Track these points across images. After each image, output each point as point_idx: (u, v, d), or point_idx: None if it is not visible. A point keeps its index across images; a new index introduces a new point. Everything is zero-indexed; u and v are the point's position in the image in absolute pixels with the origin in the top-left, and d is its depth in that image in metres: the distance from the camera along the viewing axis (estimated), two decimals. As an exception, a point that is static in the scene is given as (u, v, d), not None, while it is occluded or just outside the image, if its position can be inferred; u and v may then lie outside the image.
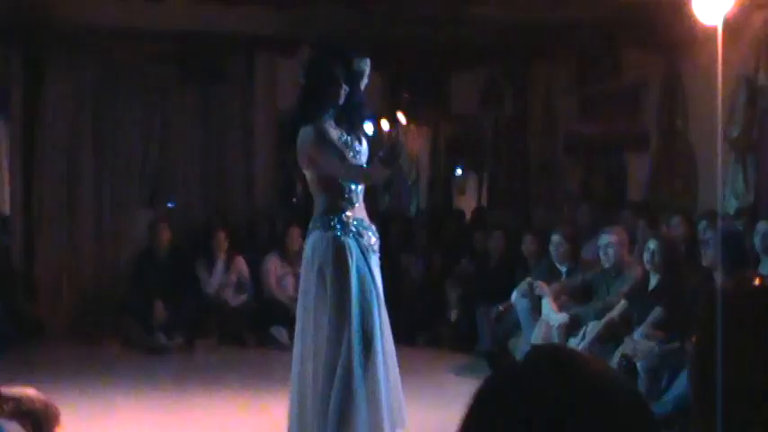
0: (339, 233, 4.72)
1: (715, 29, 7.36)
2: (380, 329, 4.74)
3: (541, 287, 7.80)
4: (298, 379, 4.84)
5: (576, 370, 1.33)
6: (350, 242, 4.72)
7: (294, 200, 12.93)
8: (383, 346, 4.75)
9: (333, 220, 4.75)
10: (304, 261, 4.87)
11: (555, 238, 8.16)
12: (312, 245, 4.80)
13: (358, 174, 4.86)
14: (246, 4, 9.31)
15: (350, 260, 4.69)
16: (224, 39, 10.62)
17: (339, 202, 4.79)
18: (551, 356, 1.38)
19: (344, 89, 4.83)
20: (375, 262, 4.85)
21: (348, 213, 4.78)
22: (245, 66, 11.26)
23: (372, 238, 4.85)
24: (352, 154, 4.82)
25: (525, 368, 1.36)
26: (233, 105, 11.30)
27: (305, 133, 4.76)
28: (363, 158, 4.95)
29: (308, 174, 4.91)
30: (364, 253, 4.76)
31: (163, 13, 9.30)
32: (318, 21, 9.89)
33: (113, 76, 10.81)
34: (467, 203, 14.14)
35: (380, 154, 4.69)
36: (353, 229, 4.76)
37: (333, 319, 4.67)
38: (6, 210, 11.30)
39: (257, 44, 11.00)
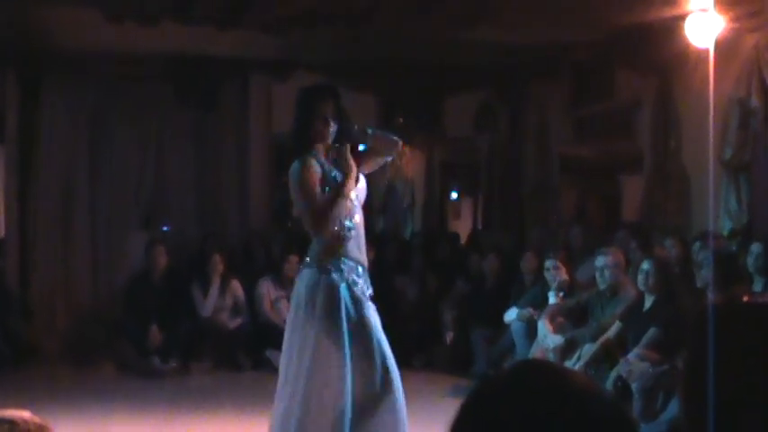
0: (334, 277, 4.71)
1: (707, 51, 7.45)
2: (387, 367, 4.74)
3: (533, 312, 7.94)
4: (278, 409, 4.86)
5: (560, 384, 1.33)
6: (343, 288, 4.70)
7: (289, 224, 12.93)
8: (391, 383, 4.73)
9: (329, 263, 4.74)
10: (295, 296, 4.87)
11: (549, 263, 8.23)
12: (306, 284, 4.79)
13: (317, 221, 4.77)
14: (242, 28, 9.34)
15: (341, 306, 4.67)
16: (219, 62, 10.66)
17: (332, 241, 4.76)
18: (536, 370, 1.38)
19: (333, 126, 4.84)
20: (369, 308, 4.79)
21: (344, 258, 4.76)
22: (241, 89, 11.30)
23: (365, 287, 4.81)
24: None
25: (510, 381, 1.37)
26: (228, 128, 11.34)
27: (292, 168, 4.79)
28: (357, 196, 4.92)
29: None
30: (357, 302, 4.74)
31: (158, 36, 9.33)
32: (314, 44, 9.94)
33: (109, 98, 10.85)
34: (462, 226, 14.17)
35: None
36: (348, 277, 4.74)
37: (320, 363, 4.68)
38: (1, 232, 11.30)
39: (252, 67, 11.04)
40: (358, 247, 4.84)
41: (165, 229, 11.33)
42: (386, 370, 4.71)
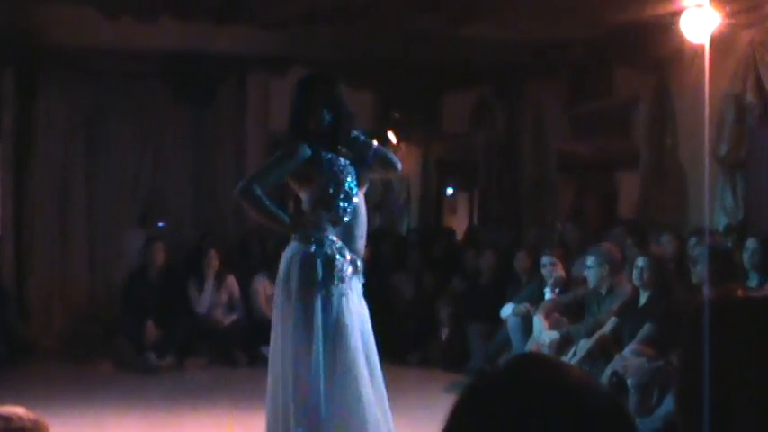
0: (313, 249, 4.69)
1: (703, 47, 7.45)
2: (353, 352, 4.69)
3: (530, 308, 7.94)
4: (271, 396, 4.85)
5: (556, 378, 1.33)
6: (319, 262, 4.68)
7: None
8: (355, 368, 4.69)
9: (312, 236, 4.72)
10: (279, 271, 4.87)
11: (545, 259, 8.23)
12: (287, 255, 4.79)
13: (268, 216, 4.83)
14: (239, 24, 9.33)
15: (317, 279, 4.64)
16: (216, 58, 10.64)
17: (323, 221, 4.77)
18: (532, 364, 1.39)
19: (326, 114, 4.83)
20: (351, 288, 4.74)
21: (333, 237, 4.76)
22: (238, 85, 11.28)
23: (346, 266, 4.73)
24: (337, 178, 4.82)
25: (505, 375, 1.37)
26: (225, 124, 11.32)
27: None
28: (353, 183, 4.91)
29: (299, 192, 4.93)
30: (331, 279, 4.68)
31: (155, 32, 9.33)
32: (312, 41, 9.93)
33: (106, 96, 10.83)
34: (458, 222, 14.18)
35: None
36: (329, 251, 4.71)
37: (297, 338, 4.66)
38: (-2, 230, 11.29)
39: (250, 64, 11.02)
40: (353, 231, 4.79)
41: (160, 225, 11.32)
42: (342, 360, 4.62)
